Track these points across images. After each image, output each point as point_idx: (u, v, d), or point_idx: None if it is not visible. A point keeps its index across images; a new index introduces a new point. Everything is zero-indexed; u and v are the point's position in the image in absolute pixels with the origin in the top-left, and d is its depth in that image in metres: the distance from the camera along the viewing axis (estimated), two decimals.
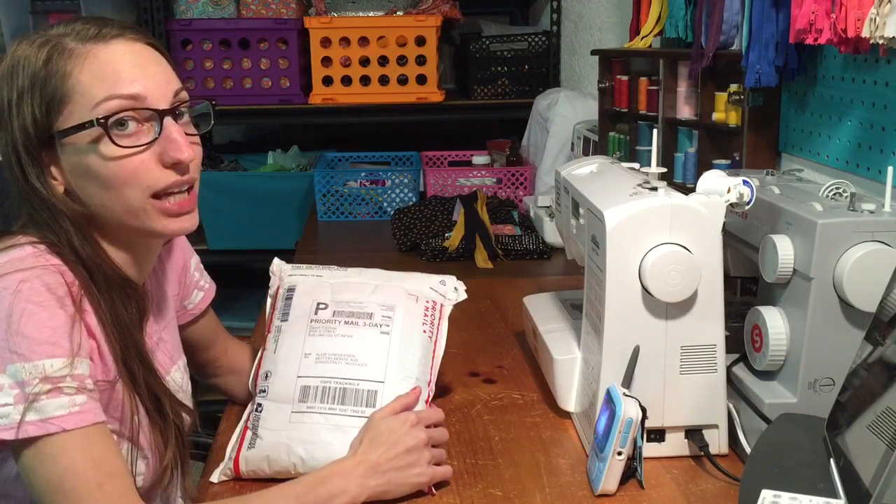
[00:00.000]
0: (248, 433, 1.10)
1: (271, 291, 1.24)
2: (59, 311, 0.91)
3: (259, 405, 1.12)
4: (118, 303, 0.99)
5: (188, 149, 0.98)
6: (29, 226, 0.99)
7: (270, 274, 1.26)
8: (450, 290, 1.25)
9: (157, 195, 0.98)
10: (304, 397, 1.10)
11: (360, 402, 1.10)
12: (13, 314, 0.88)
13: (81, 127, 0.95)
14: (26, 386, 0.87)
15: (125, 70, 0.96)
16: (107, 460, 0.90)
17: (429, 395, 1.15)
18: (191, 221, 1.02)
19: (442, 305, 1.23)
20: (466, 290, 1.27)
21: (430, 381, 1.16)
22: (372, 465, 1.01)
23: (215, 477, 1.09)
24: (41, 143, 0.96)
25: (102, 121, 0.94)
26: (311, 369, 1.12)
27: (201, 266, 1.29)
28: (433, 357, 1.18)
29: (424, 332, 1.18)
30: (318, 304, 1.18)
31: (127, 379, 0.99)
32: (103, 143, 0.95)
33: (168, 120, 0.98)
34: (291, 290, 1.21)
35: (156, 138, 0.97)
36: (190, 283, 1.25)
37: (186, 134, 1.00)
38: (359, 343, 1.14)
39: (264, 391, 1.13)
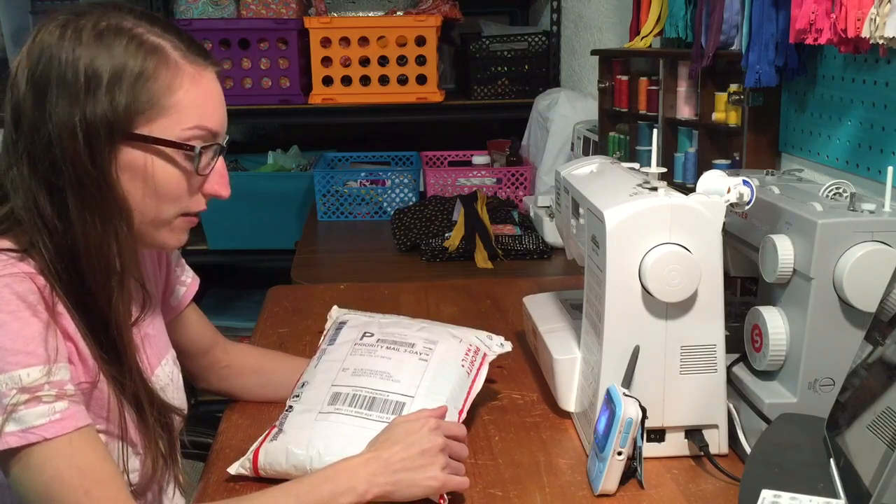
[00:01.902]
0: (275, 430, 1.11)
1: (325, 329, 1.31)
2: (33, 319, 0.89)
3: (290, 407, 1.15)
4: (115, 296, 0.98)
5: (228, 187, 1.05)
6: (7, 219, 0.95)
7: (327, 318, 1.33)
8: (495, 344, 1.28)
9: (184, 214, 1.03)
10: (334, 401, 1.12)
11: (386, 411, 1.10)
12: None
13: (165, 142, 0.96)
14: (4, 397, 0.86)
15: (214, 105, 1.01)
16: (93, 466, 0.90)
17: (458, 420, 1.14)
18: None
19: (485, 354, 1.24)
20: (511, 345, 1.30)
21: (461, 411, 1.15)
22: (383, 462, 0.99)
23: (233, 469, 1.08)
24: (111, 131, 0.94)
25: (189, 147, 0.97)
26: (345, 380, 1.16)
27: (182, 261, 1.28)
28: (468, 392, 1.18)
29: (462, 366, 1.19)
30: (366, 332, 1.24)
31: (109, 375, 0.98)
32: (183, 162, 0.98)
33: (221, 156, 1.03)
34: (343, 323, 1.29)
35: (211, 170, 1.02)
36: (172, 279, 1.24)
37: None
38: (396, 364, 1.17)
39: (297, 396, 1.16)
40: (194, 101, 0.98)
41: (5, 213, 0.95)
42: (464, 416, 1.15)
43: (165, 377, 1.13)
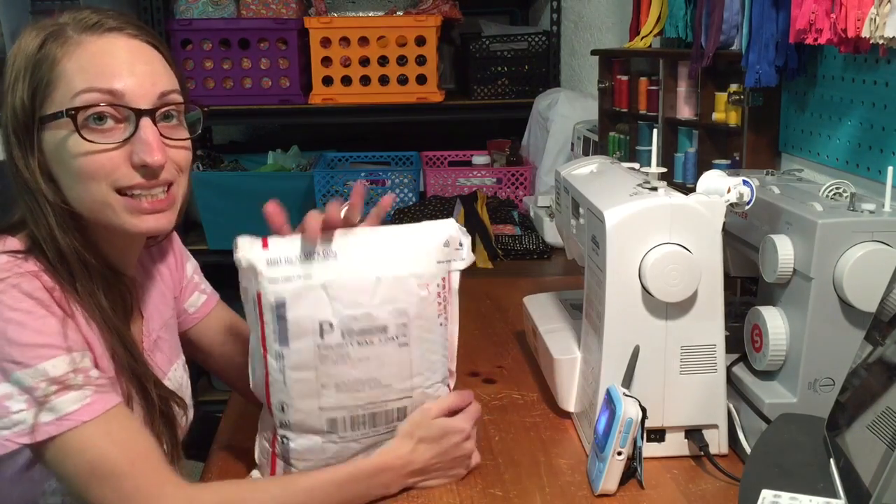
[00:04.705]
0: (279, 462, 1.06)
1: (250, 295, 1.02)
2: (47, 314, 0.90)
3: (284, 437, 1.04)
4: (100, 293, 0.98)
5: (159, 152, 0.94)
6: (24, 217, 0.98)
7: (238, 266, 1.05)
8: (453, 251, 1.07)
9: (122, 191, 0.95)
10: (333, 428, 1.03)
11: (391, 420, 1.06)
12: None
13: (56, 116, 0.93)
14: (34, 391, 0.88)
15: (110, 64, 0.94)
16: (131, 439, 0.92)
17: (452, 379, 1.11)
18: (165, 220, 0.99)
19: (451, 280, 1.07)
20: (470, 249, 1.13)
21: (453, 368, 1.11)
22: (420, 468, 1.05)
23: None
24: (27, 128, 0.95)
25: (73, 112, 0.92)
26: (332, 400, 1.02)
27: (199, 271, 1.27)
28: (451, 342, 1.10)
29: (441, 324, 1.07)
30: (321, 324, 1.00)
31: (118, 371, 0.98)
32: (73, 135, 0.93)
33: (145, 121, 0.94)
34: (281, 306, 1.00)
35: (129, 137, 0.94)
36: (189, 284, 1.24)
37: (172, 138, 0.97)
38: (378, 365, 1.03)
39: (286, 424, 1.03)
40: (81, 66, 0.93)
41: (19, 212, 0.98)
42: (453, 367, 1.10)
43: (176, 382, 1.14)
